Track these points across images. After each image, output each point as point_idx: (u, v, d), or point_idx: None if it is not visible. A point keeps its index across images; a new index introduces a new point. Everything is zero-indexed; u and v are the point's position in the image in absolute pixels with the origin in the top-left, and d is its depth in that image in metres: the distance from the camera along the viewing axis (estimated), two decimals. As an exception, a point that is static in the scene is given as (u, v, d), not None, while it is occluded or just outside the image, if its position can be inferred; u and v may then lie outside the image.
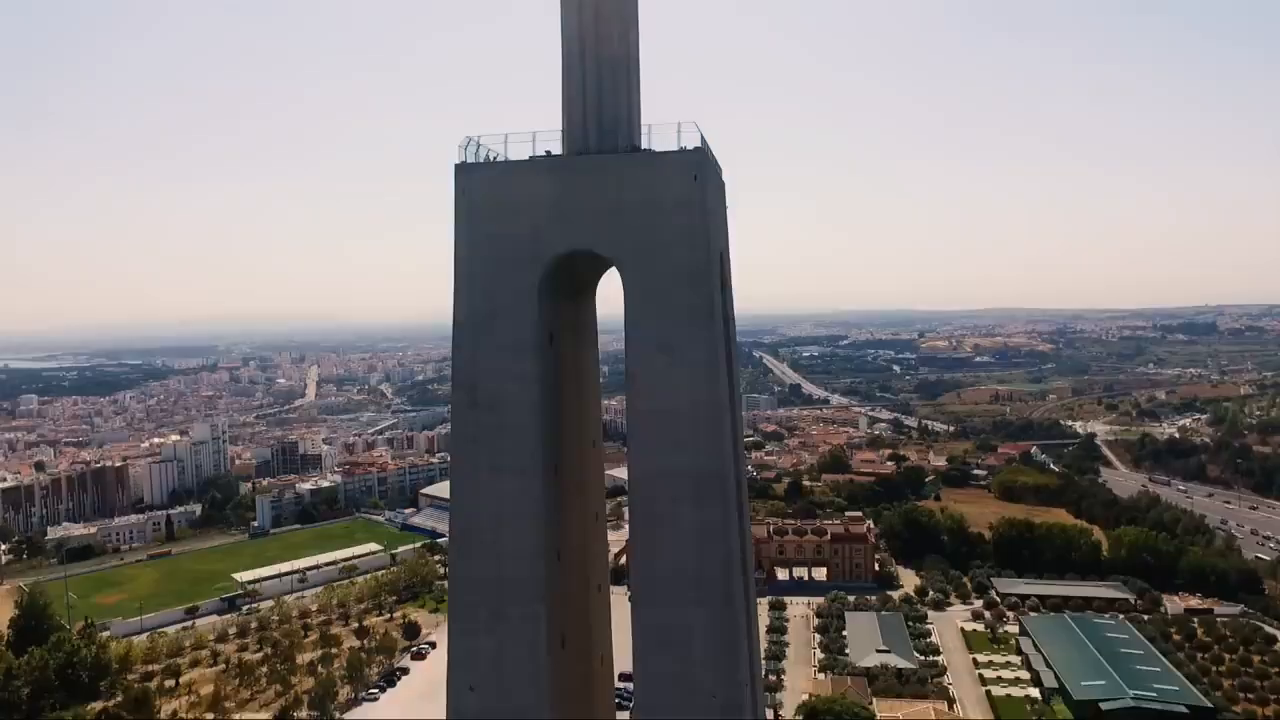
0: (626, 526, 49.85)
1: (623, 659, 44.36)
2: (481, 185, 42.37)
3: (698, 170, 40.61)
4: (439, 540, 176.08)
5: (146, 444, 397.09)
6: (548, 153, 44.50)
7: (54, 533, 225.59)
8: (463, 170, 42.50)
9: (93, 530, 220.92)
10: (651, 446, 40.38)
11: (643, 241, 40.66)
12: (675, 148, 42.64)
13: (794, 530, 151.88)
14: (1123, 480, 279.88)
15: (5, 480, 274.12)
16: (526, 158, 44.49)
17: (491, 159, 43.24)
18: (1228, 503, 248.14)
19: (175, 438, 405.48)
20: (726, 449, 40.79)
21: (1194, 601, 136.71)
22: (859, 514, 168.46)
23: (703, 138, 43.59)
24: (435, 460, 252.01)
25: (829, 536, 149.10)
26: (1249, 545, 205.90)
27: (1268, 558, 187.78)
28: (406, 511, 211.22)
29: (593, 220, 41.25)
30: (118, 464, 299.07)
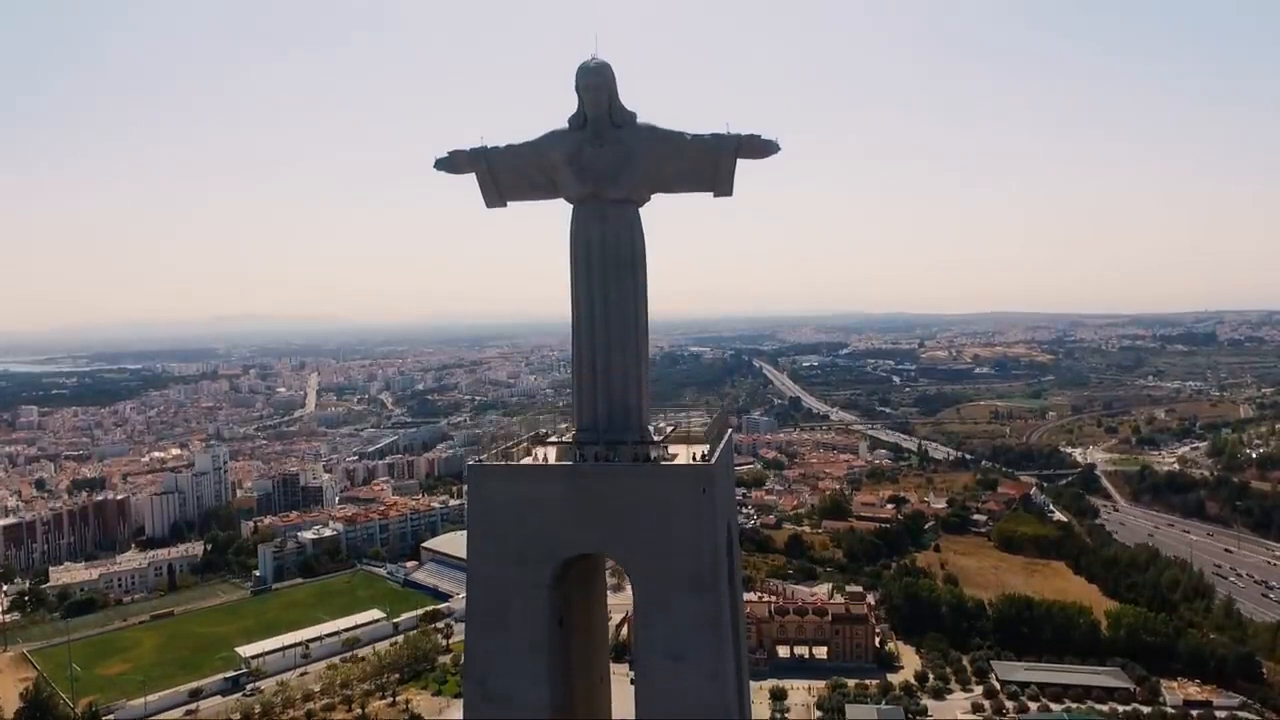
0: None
1: None
2: (494, 488, 42.40)
3: (707, 483, 40.69)
4: (440, 606, 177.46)
5: (147, 458, 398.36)
6: (559, 444, 44.87)
7: (55, 573, 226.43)
8: (476, 472, 42.66)
9: (95, 575, 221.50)
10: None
11: (650, 550, 40.66)
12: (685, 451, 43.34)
13: (795, 610, 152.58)
14: (1123, 519, 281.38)
15: (7, 515, 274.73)
16: (538, 456, 44.97)
17: (508, 459, 43.68)
18: (1227, 548, 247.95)
19: (175, 451, 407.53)
20: (734, 754, 41.20)
21: (1193, 689, 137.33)
22: (859, 589, 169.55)
23: (709, 439, 43.99)
24: (436, 505, 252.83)
25: (830, 617, 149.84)
26: (1250, 596, 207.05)
27: (1271, 616, 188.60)
28: (408, 565, 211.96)
29: (601, 526, 41.23)
30: (119, 497, 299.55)
